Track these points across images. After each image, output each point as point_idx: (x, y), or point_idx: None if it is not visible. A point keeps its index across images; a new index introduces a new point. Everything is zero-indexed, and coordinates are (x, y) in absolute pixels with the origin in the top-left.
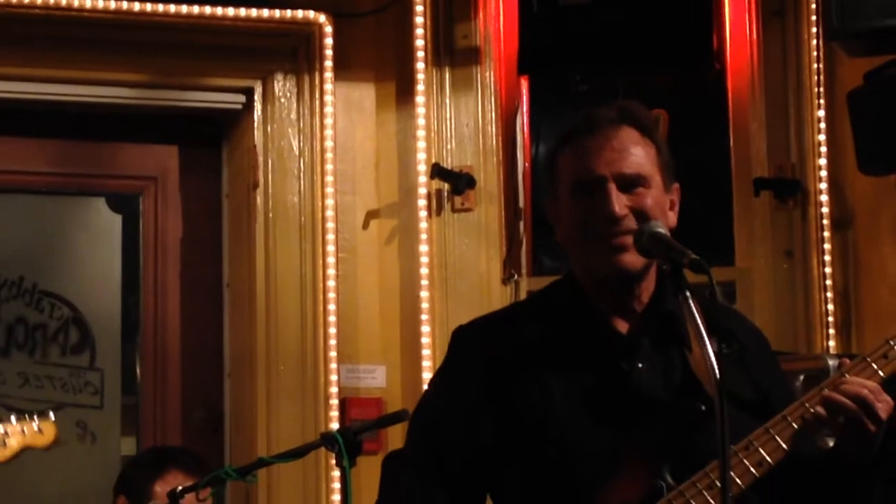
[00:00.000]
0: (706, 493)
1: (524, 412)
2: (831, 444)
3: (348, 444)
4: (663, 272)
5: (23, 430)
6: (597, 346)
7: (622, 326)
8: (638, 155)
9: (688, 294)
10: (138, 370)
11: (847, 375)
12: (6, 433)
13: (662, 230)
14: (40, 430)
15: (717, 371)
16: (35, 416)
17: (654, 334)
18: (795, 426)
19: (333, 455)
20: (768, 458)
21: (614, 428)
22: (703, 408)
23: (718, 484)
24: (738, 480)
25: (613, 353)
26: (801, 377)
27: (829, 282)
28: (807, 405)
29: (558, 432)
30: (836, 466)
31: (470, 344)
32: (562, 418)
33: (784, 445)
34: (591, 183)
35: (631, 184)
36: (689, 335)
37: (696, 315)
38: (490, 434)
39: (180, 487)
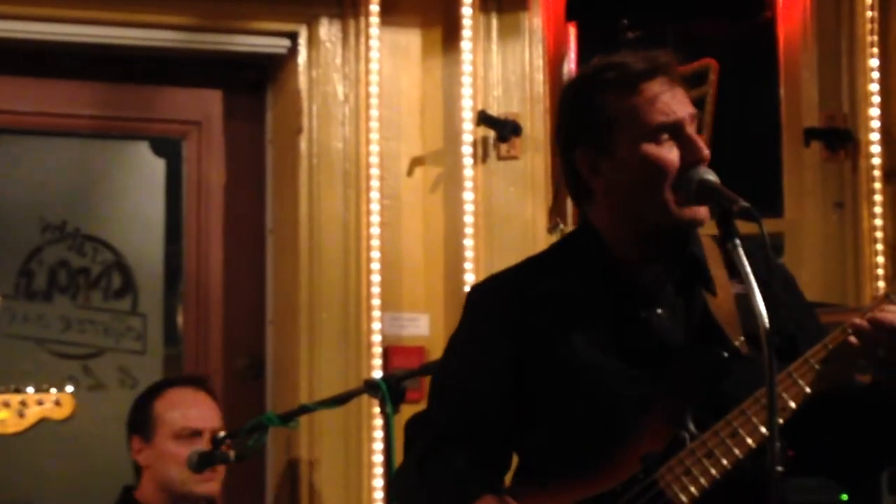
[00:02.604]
0: (729, 442)
1: (544, 366)
2: (867, 378)
3: (392, 391)
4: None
5: (40, 402)
6: (616, 295)
7: (646, 273)
8: (689, 101)
9: (738, 242)
10: (180, 316)
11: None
12: (24, 403)
13: (712, 176)
14: (58, 403)
15: (766, 321)
16: (53, 389)
17: (678, 279)
18: (818, 368)
19: (376, 402)
20: (791, 403)
21: (636, 377)
22: (726, 354)
23: (741, 432)
24: (761, 428)
25: (633, 300)
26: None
27: (879, 234)
28: (829, 346)
29: (578, 383)
30: (877, 400)
31: (487, 301)
32: (582, 369)
33: (807, 389)
34: (671, 125)
35: (694, 125)
36: (712, 279)
37: (746, 263)
38: (511, 390)
39: (222, 433)
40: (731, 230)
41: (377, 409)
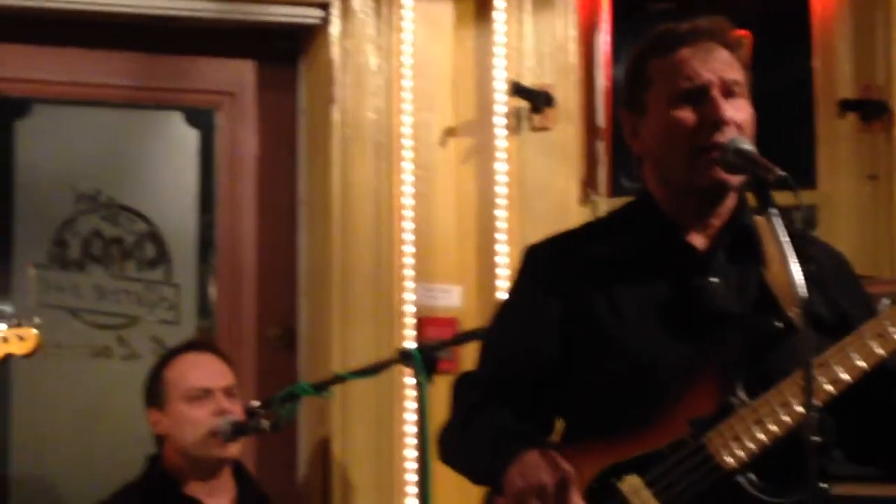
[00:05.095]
0: (780, 411)
1: (595, 327)
2: None
3: (425, 361)
4: (744, 188)
5: (4, 339)
6: (671, 262)
7: (699, 241)
8: (736, 67)
9: (774, 210)
10: (213, 286)
11: None
12: None
13: (748, 146)
14: (22, 338)
15: (801, 288)
16: (17, 325)
17: (731, 249)
18: (873, 343)
19: (409, 373)
20: (844, 376)
21: (687, 343)
22: (779, 325)
23: (792, 401)
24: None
25: (687, 268)
26: (885, 300)
27: None
28: (884, 322)
29: (629, 345)
30: None
31: (540, 261)
32: (633, 333)
33: (861, 363)
34: (697, 90)
35: (732, 90)
36: (765, 251)
37: (782, 232)
38: (560, 350)
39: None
40: (768, 199)
41: (410, 380)
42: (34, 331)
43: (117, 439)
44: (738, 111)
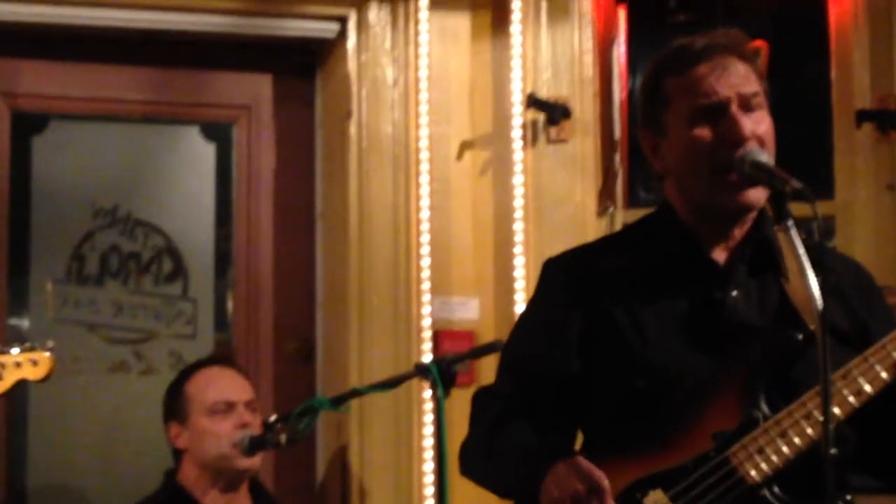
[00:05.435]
0: (803, 423)
1: (615, 340)
2: None
3: (443, 375)
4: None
5: (18, 364)
6: (691, 275)
7: (719, 254)
8: (753, 79)
9: (790, 222)
10: (231, 300)
11: None
12: (2, 366)
13: (764, 157)
14: (35, 363)
15: (819, 300)
16: (31, 349)
17: (751, 262)
18: (895, 354)
19: (426, 386)
20: (867, 388)
21: (708, 356)
22: (800, 337)
23: (816, 413)
24: (836, 410)
25: (708, 281)
26: None
27: None
28: None
29: (650, 359)
30: None
31: (560, 274)
32: (654, 346)
33: (884, 374)
34: (715, 107)
35: (750, 104)
36: (785, 264)
37: (798, 243)
38: (580, 365)
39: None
40: (784, 211)
41: (427, 394)
42: (47, 354)
43: (135, 454)
44: (758, 124)
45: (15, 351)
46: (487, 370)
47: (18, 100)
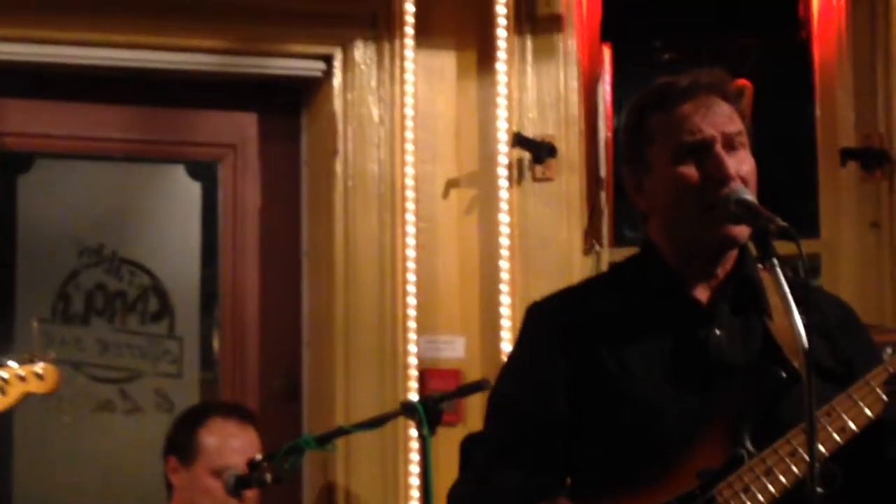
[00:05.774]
0: (788, 460)
1: (601, 382)
2: None
3: (429, 413)
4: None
5: (22, 377)
6: (674, 314)
7: (702, 293)
8: (736, 119)
9: (775, 261)
10: (216, 339)
11: None
12: (5, 381)
13: (749, 196)
14: (41, 376)
15: (804, 338)
16: (34, 361)
17: (734, 300)
18: (879, 391)
19: (412, 425)
20: (851, 424)
21: (693, 395)
22: (784, 374)
23: (800, 451)
24: (820, 447)
25: (691, 320)
26: (889, 349)
27: None
28: (890, 369)
29: (636, 400)
30: None
31: (544, 318)
32: (639, 386)
33: (867, 411)
34: (700, 145)
35: (734, 143)
36: (769, 302)
37: (784, 282)
38: (567, 407)
39: (259, 456)
40: (769, 249)
41: (413, 432)
42: (52, 367)
43: (121, 493)
44: (742, 163)
45: (13, 364)
46: (474, 409)
47: (4, 139)
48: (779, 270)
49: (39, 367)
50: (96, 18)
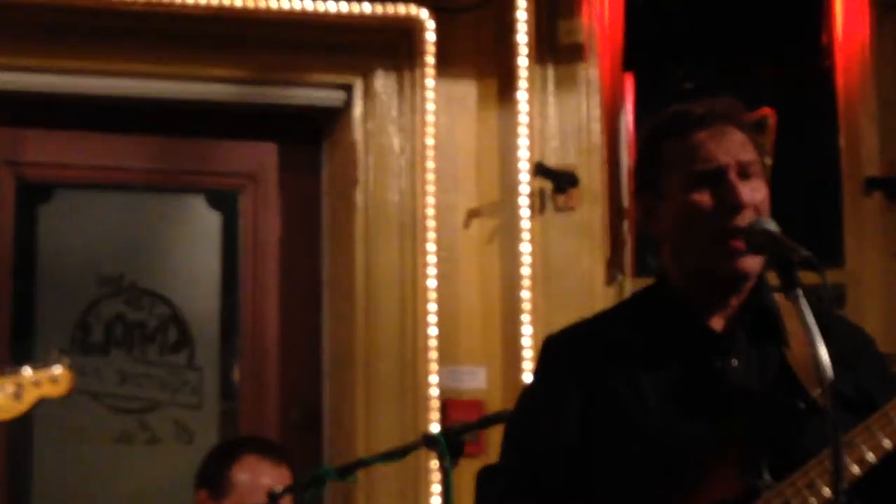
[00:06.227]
0: (805, 492)
1: (615, 413)
2: None
3: (450, 445)
4: (766, 267)
5: (36, 382)
6: (690, 344)
7: (717, 323)
8: (750, 148)
9: (800, 292)
10: (237, 369)
11: None
12: (20, 386)
13: (773, 226)
14: (55, 380)
15: (828, 370)
16: (49, 366)
17: (750, 330)
18: None
19: (433, 456)
20: (870, 455)
21: (709, 426)
22: (802, 406)
23: (818, 483)
24: None
25: (707, 350)
26: None
27: None
28: None
29: (651, 432)
30: None
31: (560, 351)
32: (655, 418)
33: (886, 442)
34: (712, 172)
35: (747, 172)
36: (786, 331)
37: (809, 313)
38: (582, 438)
39: (280, 487)
40: (793, 280)
41: (435, 464)
42: (66, 371)
43: None
44: (755, 192)
45: (27, 371)
46: (496, 440)
47: (24, 169)
48: (803, 301)
49: (54, 371)
50: (116, 48)
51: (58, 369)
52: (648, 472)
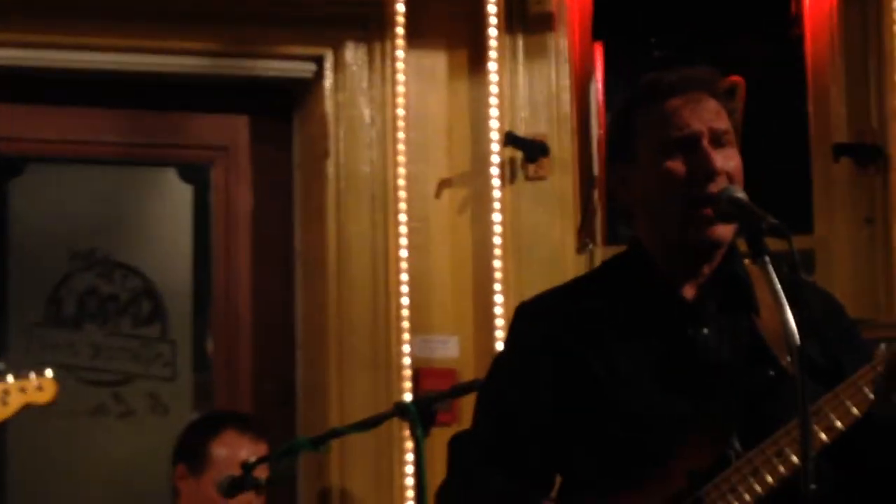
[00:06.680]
0: (774, 460)
1: (587, 383)
2: None
3: (422, 415)
4: (736, 235)
5: (22, 389)
6: (661, 313)
7: (689, 292)
8: (723, 116)
9: (768, 259)
10: (209, 341)
11: None
12: (6, 391)
13: (741, 194)
14: (40, 387)
15: (796, 336)
16: (33, 374)
17: (721, 298)
18: (866, 390)
19: (406, 426)
20: (838, 423)
21: (680, 395)
22: (772, 374)
23: (787, 451)
24: None
25: (678, 319)
26: (883, 345)
27: None
28: (877, 367)
29: (623, 401)
30: None
31: (532, 319)
32: (626, 387)
33: (854, 410)
34: (686, 139)
35: (721, 140)
36: (757, 299)
37: (776, 280)
38: (554, 407)
39: (253, 458)
40: (761, 247)
41: (408, 433)
42: (51, 378)
43: (115, 496)
44: (728, 160)
45: (10, 378)
46: (468, 409)
47: None
48: (771, 268)
49: (40, 379)
50: (86, 22)
51: (42, 378)
52: (620, 443)
